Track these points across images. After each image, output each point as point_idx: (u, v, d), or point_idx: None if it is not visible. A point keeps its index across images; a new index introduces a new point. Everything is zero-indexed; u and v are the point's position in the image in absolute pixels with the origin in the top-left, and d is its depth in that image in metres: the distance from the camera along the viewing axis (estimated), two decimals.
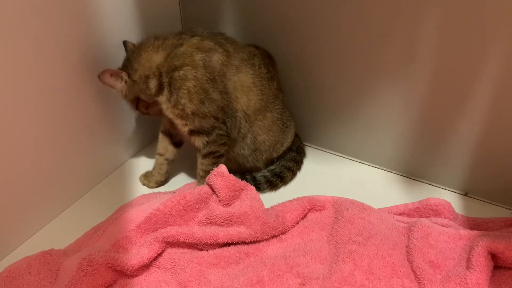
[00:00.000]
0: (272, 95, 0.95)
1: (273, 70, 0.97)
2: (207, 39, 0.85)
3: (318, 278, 0.77)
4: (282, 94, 1.00)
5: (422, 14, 0.83)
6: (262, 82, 0.91)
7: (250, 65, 0.90)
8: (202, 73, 0.82)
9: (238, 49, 0.89)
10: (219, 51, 0.84)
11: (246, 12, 1.03)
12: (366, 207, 0.88)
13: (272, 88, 0.94)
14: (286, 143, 1.03)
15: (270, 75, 0.94)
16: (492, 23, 0.78)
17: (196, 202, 0.87)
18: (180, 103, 0.83)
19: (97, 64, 0.90)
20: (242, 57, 0.88)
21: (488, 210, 0.95)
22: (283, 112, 0.99)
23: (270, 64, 0.96)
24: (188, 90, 0.82)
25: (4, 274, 0.76)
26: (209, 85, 0.83)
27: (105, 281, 0.77)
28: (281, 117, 0.98)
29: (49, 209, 0.92)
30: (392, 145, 1.02)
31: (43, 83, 0.82)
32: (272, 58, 0.99)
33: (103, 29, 0.91)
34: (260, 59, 0.93)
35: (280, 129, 0.99)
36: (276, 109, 0.96)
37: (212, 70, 0.83)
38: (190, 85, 0.82)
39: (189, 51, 0.83)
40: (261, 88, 0.92)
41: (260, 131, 0.95)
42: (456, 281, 0.73)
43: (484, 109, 0.87)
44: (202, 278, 0.79)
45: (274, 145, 0.99)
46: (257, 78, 0.90)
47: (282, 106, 0.99)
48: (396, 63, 0.91)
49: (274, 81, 0.95)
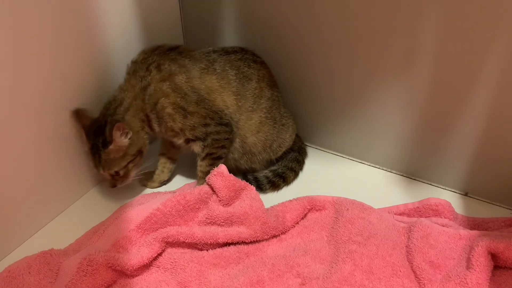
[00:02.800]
0: (252, 95, 0.94)
1: (254, 69, 0.96)
2: (164, 65, 0.89)
3: (318, 278, 0.77)
4: (272, 92, 0.98)
5: (423, 15, 0.83)
6: (231, 84, 0.92)
7: (211, 72, 0.92)
8: (174, 96, 0.88)
9: (195, 60, 0.92)
10: (178, 73, 0.89)
11: (247, 13, 1.03)
12: (366, 207, 0.88)
13: (249, 88, 0.94)
14: (286, 142, 1.02)
15: (244, 75, 0.94)
16: (492, 23, 0.78)
17: (196, 202, 0.87)
18: (168, 127, 0.90)
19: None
20: (200, 67, 0.91)
21: (488, 210, 0.95)
22: (273, 110, 0.97)
23: (252, 64, 0.96)
24: (169, 115, 0.89)
25: (4, 274, 0.76)
26: (183, 102, 0.88)
27: (105, 281, 0.77)
28: (272, 115, 0.97)
29: (49, 209, 0.92)
30: (392, 145, 1.02)
31: (48, 84, 0.83)
32: (256, 59, 0.98)
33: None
34: (224, 63, 0.93)
35: (272, 128, 0.97)
36: (262, 108, 0.95)
37: (180, 89, 0.89)
38: (169, 110, 0.88)
39: (158, 86, 0.88)
40: (232, 90, 0.92)
41: (248, 134, 0.95)
42: (456, 281, 0.73)
43: (484, 109, 0.87)
44: (202, 278, 0.79)
45: (270, 145, 0.99)
46: (223, 81, 0.92)
47: (271, 105, 0.97)
48: (397, 64, 0.91)
49: (251, 80, 0.94)
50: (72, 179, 0.95)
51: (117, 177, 0.90)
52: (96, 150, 0.86)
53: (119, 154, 0.87)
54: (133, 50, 0.98)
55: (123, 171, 0.89)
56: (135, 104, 0.88)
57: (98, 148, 0.86)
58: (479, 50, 0.82)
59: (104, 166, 0.87)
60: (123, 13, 0.96)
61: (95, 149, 0.86)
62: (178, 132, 0.91)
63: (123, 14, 0.96)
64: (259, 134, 0.96)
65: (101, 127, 0.86)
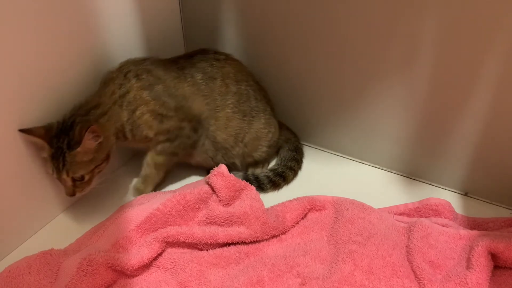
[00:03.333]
0: (218, 93, 0.95)
1: (218, 67, 0.97)
2: (143, 75, 0.90)
3: (318, 278, 0.77)
4: (239, 86, 0.98)
5: (423, 16, 0.83)
6: (200, 88, 0.94)
7: (183, 79, 0.93)
8: (153, 104, 0.89)
9: (167, 70, 0.93)
10: (156, 83, 0.90)
11: (247, 14, 1.03)
12: (366, 207, 0.88)
13: (215, 88, 0.95)
14: (263, 135, 1.01)
15: (208, 76, 0.95)
16: (492, 24, 0.78)
17: (196, 202, 0.87)
18: (143, 135, 0.90)
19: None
20: (173, 76, 0.92)
21: (488, 210, 0.95)
22: (241, 104, 0.97)
23: (214, 63, 0.97)
24: (146, 122, 0.89)
25: (4, 274, 0.76)
26: (163, 109, 0.90)
27: (105, 281, 0.77)
28: (240, 109, 0.97)
29: (49, 209, 0.92)
30: (392, 145, 1.02)
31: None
32: (218, 57, 0.99)
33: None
34: (190, 67, 0.95)
35: (241, 121, 0.97)
36: (228, 104, 0.96)
37: (159, 98, 0.90)
38: (147, 117, 0.89)
39: (138, 94, 0.88)
40: (202, 94, 0.94)
41: (217, 132, 0.96)
42: (456, 281, 0.73)
43: (484, 109, 0.87)
44: (202, 278, 0.79)
45: (242, 139, 0.99)
46: (194, 87, 0.93)
47: (238, 99, 0.97)
48: (397, 64, 0.91)
49: (216, 79, 0.95)
50: None
51: (79, 183, 0.84)
52: (60, 153, 0.80)
53: (86, 157, 0.82)
54: (133, 52, 0.99)
55: (88, 176, 0.84)
56: (113, 109, 0.87)
57: (62, 151, 0.80)
58: (479, 51, 0.82)
59: (69, 170, 0.81)
60: (123, 14, 0.95)
61: (58, 152, 0.80)
62: (152, 138, 0.91)
63: (123, 15, 0.96)
64: (227, 129, 0.97)
65: (67, 128, 0.81)
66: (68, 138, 0.80)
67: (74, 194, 0.85)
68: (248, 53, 1.08)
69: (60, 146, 0.80)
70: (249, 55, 1.08)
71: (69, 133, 0.81)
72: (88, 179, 0.85)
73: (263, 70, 1.08)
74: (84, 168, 0.83)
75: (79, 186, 0.85)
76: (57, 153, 0.80)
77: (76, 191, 0.85)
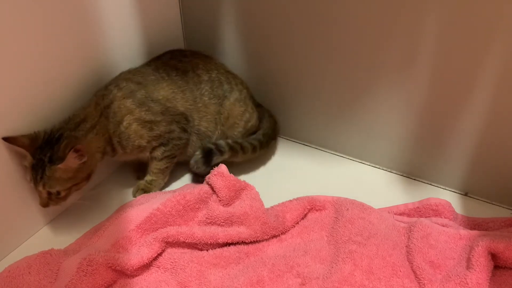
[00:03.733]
0: (193, 84, 0.97)
1: (187, 62, 0.98)
2: (122, 84, 0.90)
3: (318, 278, 0.77)
4: (210, 74, 0.99)
5: (423, 16, 0.83)
6: (177, 84, 0.95)
7: (160, 80, 0.94)
8: (138, 111, 0.89)
9: (145, 75, 0.94)
10: (137, 89, 0.90)
11: (247, 15, 1.03)
12: (366, 207, 0.88)
13: (189, 79, 0.96)
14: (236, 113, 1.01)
15: (181, 71, 0.96)
16: (492, 24, 0.78)
17: (196, 202, 0.87)
18: (135, 146, 0.90)
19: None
20: (151, 80, 0.93)
21: (488, 210, 0.95)
22: (214, 89, 0.99)
23: (182, 58, 0.99)
24: (135, 132, 0.89)
25: (4, 274, 0.76)
26: (149, 115, 0.90)
27: (105, 281, 0.77)
28: (215, 94, 0.99)
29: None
30: (392, 145, 1.02)
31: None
32: (185, 53, 1.01)
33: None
34: (164, 67, 0.96)
35: (218, 105, 0.99)
36: (203, 93, 0.98)
37: (143, 104, 0.90)
38: (135, 127, 0.89)
39: (121, 103, 0.88)
40: (180, 89, 0.95)
41: (200, 123, 0.98)
42: (456, 281, 0.73)
43: (484, 109, 0.87)
44: (202, 278, 0.79)
45: (219, 120, 1.00)
46: (172, 85, 0.94)
47: (211, 85, 0.99)
48: (397, 63, 0.91)
49: (188, 71, 0.97)
50: None
51: (54, 197, 0.82)
52: (41, 165, 0.78)
53: (66, 175, 0.80)
54: (133, 53, 0.99)
55: (64, 193, 0.82)
56: (101, 122, 0.86)
57: (43, 163, 0.78)
58: (479, 50, 0.82)
59: (46, 183, 0.79)
60: (123, 15, 0.95)
61: (39, 164, 0.78)
62: (146, 146, 0.92)
63: (123, 16, 0.96)
64: (207, 117, 0.98)
65: (52, 141, 0.79)
66: (52, 151, 0.78)
67: (48, 206, 0.82)
68: (248, 60, 1.08)
69: (42, 158, 0.78)
70: (250, 60, 1.08)
71: (54, 146, 0.79)
72: (64, 195, 0.83)
73: (264, 74, 1.08)
74: (62, 185, 0.80)
75: (53, 200, 0.82)
76: (38, 164, 0.78)
77: (50, 203, 0.82)
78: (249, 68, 1.09)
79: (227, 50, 1.10)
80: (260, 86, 1.11)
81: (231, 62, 1.09)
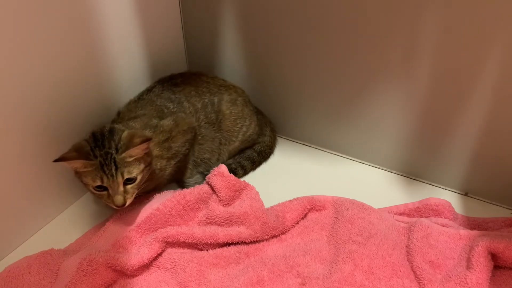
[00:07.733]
0: (190, 113, 0.96)
1: (179, 92, 0.97)
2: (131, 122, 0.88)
3: (318, 278, 0.77)
4: (200, 98, 0.98)
5: (422, 16, 0.84)
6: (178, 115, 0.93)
7: (161, 113, 0.93)
8: (157, 151, 0.87)
9: (145, 106, 0.93)
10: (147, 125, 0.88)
11: (247, 16, 1.03)
12: (366, 207, 0.88)
13: (185, 110, 0.95)
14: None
15: (177, 102, 0.95)
16: (492, 23, 0.78)
17: (196, 202, 0.87)
18: (157, 168, 0.88)
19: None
20: (150, 113, 0.91)
21: (488, 210, 0.95)
22: (208, 115, 0.98)
23: (174, 89, 0.98)
24: (156, 157, 0.87)
25: (4, 274, 0.76)
26: (163, 140, 0.88)
27: (105, 281, 0.77)
28: (208, 121, 0.99)
29: (49, 209, 0.92)
30: (392, 145, 1.02)
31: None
32: (176, 82, 1.00)
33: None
34: (160, 100, 0.95)
35: (213, 130, 0.99)
36: (201, 122, 0.97)
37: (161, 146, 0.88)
38: (156, 152, 0.87)
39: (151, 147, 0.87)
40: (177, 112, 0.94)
41: (200, 151, 0.98)
42: (456, 281, 0.74)
43: (484, 109, 0.87)
44: (202, 278, 0.79)
45: (214, 150, 1.01)
46: (173, 115, 0.93)
47: (205, 112, 0.98)
48: (397, 64, 0.91)
49: (183, 102, 0.96)
50: (73, 178, 0.95)
51: (129, 187, 0.80)
52: (110, 158, 0.78)
53: (137, 157, 0.80)
54: (134, 57, 1.00)
55: (140, 177, 0.81)
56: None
57: (111, 156, 0.78)
58: (479, 50, 0.82)
59: (124, 171, 0.78)
60: (123, 20, 0.96)
61: (108, 157, 0.78)
62: (165, 167, 0.90)
63: (123, 20, 0.96)
64: (207, 143, 0.98)
65: (105, 136, 0.80)
66: (115, 143, 0.79)
67: (125, 203, 0.80)
68: (249, 60, 1.08)
69: (108, 151, 0.78)
70: (250, 61, 1.08)
71: (113, 138, 0.80)
72: (139, 181, 0.81)
73: (264, 74, 1.08)
74: (137, 167, 0.80)
75: (129, 192, 0.81)
76: (106, 159, 0.78)
77: (126, 198, 0.80)
78: (249, 68, 1.09)
79: (227, 50, 1.10)
80: (261, 86, 1.11)
81: (231, 62, 1.09)
